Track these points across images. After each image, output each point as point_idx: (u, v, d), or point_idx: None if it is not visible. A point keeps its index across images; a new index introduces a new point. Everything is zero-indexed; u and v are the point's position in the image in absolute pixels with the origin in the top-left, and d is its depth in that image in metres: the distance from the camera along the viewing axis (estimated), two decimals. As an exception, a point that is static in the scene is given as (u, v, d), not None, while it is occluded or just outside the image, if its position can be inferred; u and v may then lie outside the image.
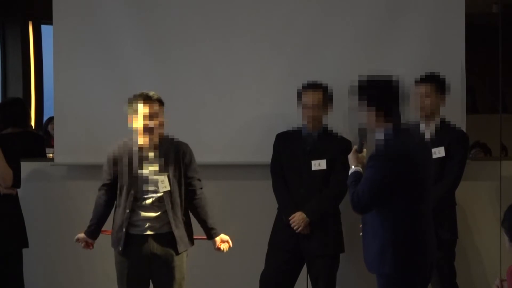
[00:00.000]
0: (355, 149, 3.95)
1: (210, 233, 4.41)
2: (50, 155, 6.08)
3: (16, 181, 4.96)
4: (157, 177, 4.29)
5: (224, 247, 4.42)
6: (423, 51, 5.22)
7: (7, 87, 8.94)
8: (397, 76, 3.84)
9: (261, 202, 5.22)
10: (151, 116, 4.25)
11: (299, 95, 4.89)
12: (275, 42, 5.29)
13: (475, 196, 5.40)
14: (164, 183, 4.28)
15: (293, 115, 4.95)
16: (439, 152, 4.79)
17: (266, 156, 5.00)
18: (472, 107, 7.79)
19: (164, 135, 4.35)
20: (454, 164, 4.80)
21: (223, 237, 4.43)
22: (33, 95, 9.08)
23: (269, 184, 4.97)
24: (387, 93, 3.82)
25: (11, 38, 9.04)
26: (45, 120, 8.45)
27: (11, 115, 5.66)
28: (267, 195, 4.99)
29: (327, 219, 4.83)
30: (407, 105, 3.93)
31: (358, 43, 5.26)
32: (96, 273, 5.42)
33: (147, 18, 5.36)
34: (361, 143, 3.94)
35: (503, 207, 5.03)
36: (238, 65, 5.31)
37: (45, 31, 9.13)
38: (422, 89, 4.84)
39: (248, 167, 5.34)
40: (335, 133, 4.90)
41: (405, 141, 3.83)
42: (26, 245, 5.06)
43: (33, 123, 8.00)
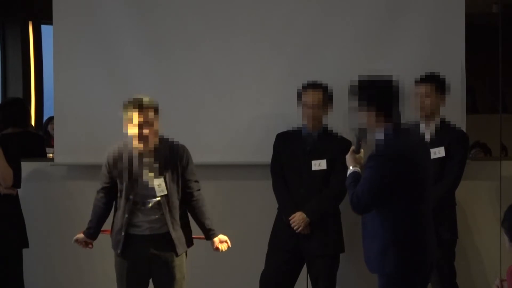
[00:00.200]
0: (353, 150, 3.95)
1: (208, 234, 4.42)
2: (50, 155, 6.08)
3: (17, 181, 4.96)
4: (154, 181, 4.28)
5: (222, 247, 4.42)
6: (423, 51, 5.22)
7: (7, 87, 8.94)
8: (397, 76, 3.84)
9: (261, 202, 5.22)
10: (145, 124, 4.20)
11: (299, 95, 4.89)
12: (275, 42, 5.29)
13: (475, 196, 5.40)
14: (161, 187, 4.27)
15: (293, 115, 4.95)
16: (439, 152, 4.79)
17: (266, 156, 5.00)
18: (472, 107, 7.78)
19: (161, 137, 4.33)
20: (454, 164, 4.80)
21: (222, 237, 4.42)
22: (33, 95, 9.08)
23: (269, 184, 4.97)
24: (387, 93, 3.82)
25: (11, 38, 9.04)
26: (45, 120, 8.45)
27: (11, 115, 5.66)
28: (267, 195, 4.99)
29: (327, 219, 4.83)
30: (407, 105, 3.93)
31: (358, 43, 5.26)
32: (96, 273, 5.42)
33: (147, 18, 5.36)
34: (359, 144, 3.94)
35: (503, 207, 5.03)
36: (238, 65, 5.31)
37: (45, 31, 9.13)
38: (422, 89, 4.84)
39: (248, 167, 5.34)
40: (335, 133, 4.90)
41: (405, 141, 3.83)
42: (26, 245, 5.06)
43: (33, 123, 7.99)
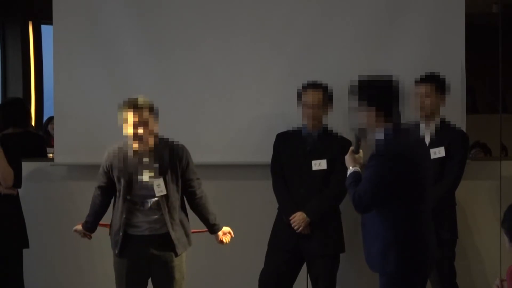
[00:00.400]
0: (352, 150, 3.95)
1: (213, 229, 4.48)
2: (50, 155, 6.08)
3: (17, 181, 4.96)
4: (153, 181, 4.28)
5: (226, 239, 4.49)
6: (423, 51, 5.22)
7: (7, 87, 8.95)
8: (397, 76, 3.84)
9: (261, 202, 5.22)
10: (140, 124, 4.19)
11: (299, 95, 4.89)
12: (275, 42, 5.29)
13: (475, 196, 5.40)
14: (160, 187, 4.27)
15: (293, 115, 4.95)
16: (439, 152, 4.79)
17: (266, 156, 5.00)
18: (472, 107, 7.78)
19: (160, 137, 4.33)
20: (454, 164, 4.80)
21: (225, 229, 4.50)
22: (33, 95, 9.08)
23: (269, 184, 4.97)
24: (387, 93, 3.82)
25: (11, 38, 9.04)
26: (45, 120, 8.46)
27: (11, 115, 5.65)
28: (267, 195, 4.98)
29: (328, 219, 4.83)
30: (407, 105, 3.93)
31: (358, 43, 5.26)
32: (96, 273, 5.41)
33: (147, 18, 5.36)
34: (358, 144, 3.94)
35: (503, 207, 5.02)
36: (238, 65, 5.31)
37: (45, 31, 9.13)
38: (422, 89, 4.84)
39: (248, 167, 5.34)
40: (335, 133, 4.90)
41: (405, 141, 3.84)
42: (27, 246, 5.06)
43: (33, 123, 7.99)
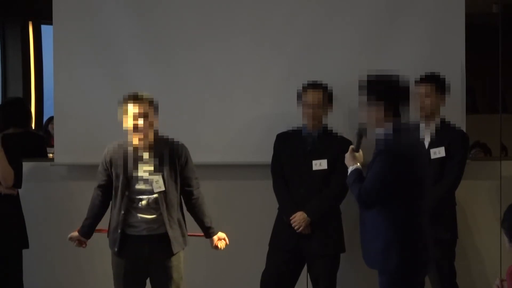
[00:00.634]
0: (352, 149, 3.97)
1: (208, 232, 4.45)
2: (50, 155, 6.08)
3: (17, 181, 4.96)
4: (152, 177, 4.28)
5: (221, 245, 4.47)
6: (423, 51, 5.22)
7: (7, 87, 8.95)
8: (403, 76, 3.89)
9: (261, 202, 5.22)
10: (140, 115, 4.22)
11: (299, 95, 4.89)
12: (275, 42, 5.29)
13: (475, 196, 5.40)
14: (159, 183, 4.28)
15: (293, 115, 4.95)
16: (439, 152, 4.79)
17: (266, 156, 5.00)
18: (472, 107, 7.79)
19: (160, 136, 4.34)
20: (454, 164, 4.80)
21: (220, 235, 4.47)
22: (33, 95, 9.09)
23: (269, 184, 4.97)
24: (396, 89, 3.87)
25: (11, 38, 9.05)
26: (45, 120, 8.46)
27: (12, 115, 5.64)
28: (268, 195, 4.98)
29: (328, 219, 4.83)
30: (407, 105, 3.95)
31: (358, 43, 5.26)
32: (96, 273, 5.41)
33: (147, 18, 5.36)
34: (359, 142, 3.96)
35: (503, 207, 5.02)
36: (238, 65, 5.31)
37: (45, 31, 9.14)
38: (422, 89, 4.84)
39: (248, 167, 5.34)
40: (335, 133, 4.90)
41: (411, 138, 3.94)
42: (26, 246, 5.05)
43: (33, 123, 7.99)
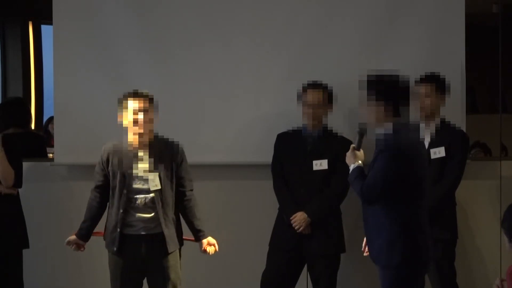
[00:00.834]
0: (353, 147, 4.00)
1: (197, 235, 4.42)
2: (50, 155, 6.08)
3: (17, 181, 4.96)
4: (148, 175, 4.29)
5: (210, 250, 4.42)
6: (423, 51, 5.22)
7: (7, 87, 8.95)
8: (404, 76, 3.91)
9: (262, 202, 5.22)
10: (140, 110, 4.24)
11: (299, 95, 4.89)
12: (275, 42, 5.29)
13: (475, 196, 5.40)
14: (155, 181, 4.28)
15: (293, 115, 4.95)
16: (439, 152, 4.79)
17: (267, 156, 5.00)
18: (472, 107, 7.80)
19: (156, 135, 4.34)
20: (454, 164, 4.79)
21: (210, 240, 4.43)
22: (33, 95, 9.09)
23: (269, 184, 4.97)
24: (397, 88, 3.89)
25: (11, 38, 9.05)
26: (45, 120, 8.46)
27: (12, 115, 5.64)
28: (268, 195, 4.98)
29: (328, 219, 4.83)
30: (407, 105, 3.96)
31: (358, 43, 5.26)
32: (96, 273, 5.41)
33: (147, 18, 5.36)
34: (360, 141, 3.98)
35: (503, 207, 5.02)
36: (238, 65, 5.31)
37: (45, 31, 9.14)
38: (422, 89, 4.84)
39: (249, 167, 5.34)
40: (335, 133, 4.91)
41: (412, 137, 3.96)
42: (27, 246, 5.05)
43: (33, 123, 7.99)
